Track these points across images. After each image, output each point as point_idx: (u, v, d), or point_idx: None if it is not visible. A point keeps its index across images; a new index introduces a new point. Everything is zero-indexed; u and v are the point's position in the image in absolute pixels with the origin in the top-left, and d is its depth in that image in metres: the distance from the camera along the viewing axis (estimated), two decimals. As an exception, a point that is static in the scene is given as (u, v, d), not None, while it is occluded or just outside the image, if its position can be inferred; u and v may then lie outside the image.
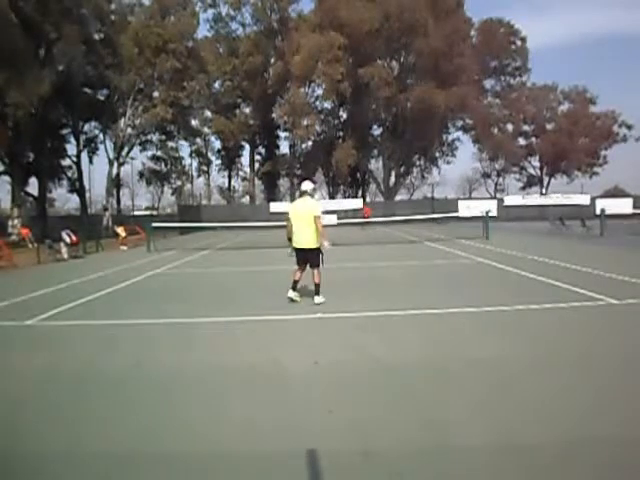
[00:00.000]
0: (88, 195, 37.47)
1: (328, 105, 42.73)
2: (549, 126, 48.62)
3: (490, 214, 19.13)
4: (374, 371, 3.81)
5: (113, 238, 20.51)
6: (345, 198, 42.71)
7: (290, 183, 46.65)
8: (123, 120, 33.63)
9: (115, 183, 37.68)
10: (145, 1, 34.95)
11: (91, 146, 36.05)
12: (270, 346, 4.62)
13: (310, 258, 6.55)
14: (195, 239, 23.84)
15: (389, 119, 42.23)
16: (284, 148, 47.80)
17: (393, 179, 44.46)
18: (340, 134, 44.09)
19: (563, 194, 37.00)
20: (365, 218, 26.66)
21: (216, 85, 44.74)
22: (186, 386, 3.64)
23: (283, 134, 46.13)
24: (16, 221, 25.89)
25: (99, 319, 6.03)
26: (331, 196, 46.42)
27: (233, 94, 44.19)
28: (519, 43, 48.73)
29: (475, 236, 17.90)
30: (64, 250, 14.72)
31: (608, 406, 3.05)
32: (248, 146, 47.39)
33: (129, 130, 34.67)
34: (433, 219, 28.31)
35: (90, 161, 37.09)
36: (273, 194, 48.10)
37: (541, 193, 44.53)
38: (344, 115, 44.40)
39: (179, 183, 45.96)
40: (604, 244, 14.63)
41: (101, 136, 35.82)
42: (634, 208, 28.57)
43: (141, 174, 44.05)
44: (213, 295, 7.80)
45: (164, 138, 40.59)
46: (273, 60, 43.57)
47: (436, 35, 35.99)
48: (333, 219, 23.43)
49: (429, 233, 21.82)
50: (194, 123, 42.45)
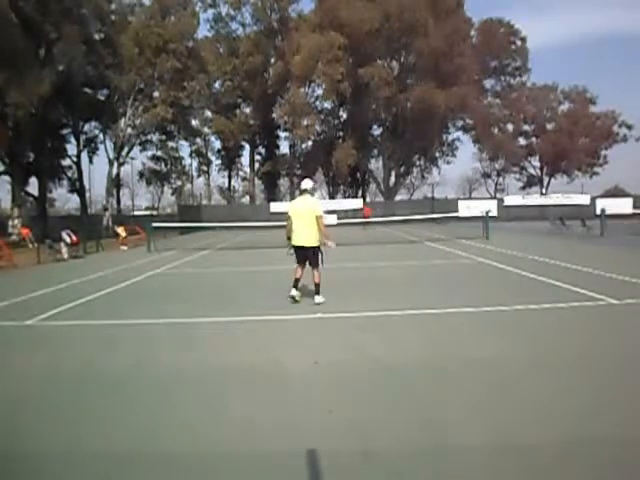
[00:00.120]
0: (88, 195, 37.58)
1: (328, 105, 42.79)
2: (549, 126, 48.63)
3: (490, 214, 19.13)
4: (374, 371, 3.81)
5: (113, 238, 20.51)
6: (345, 198, 42.75)
7: (290, 183, 46.66)
8: (123, 120, 33.64)
9: (115, 183, 37.69)
10: (145, 1, 35.07)
11: (91, 146, 36.09)
12: (270, 346, 4.62)
13: (309, 257, 6.53)
14: (195, 239, 23.84)
15: (389, 119, 42.24)
16: (284, 148, 47.93)
17: (393, 179, 44.47)
18: (340, 134, 44.10)
19: (563, 194, 37.03)
20: (365, 218, 26.67)
21: (216, 85, 44.80)
22: (186, 386, 3.64)
23: (283, 134, 46.26)
24: (16, 221, 25.90)
25: (99, 319, 6.04)
26: (331, 196, 46.45)
27: (233, 94, 44.20)
28: (519, 43, 48.78)
29: (475, 236, 17.90)
30: (64, 250, 14.72)
31: (607, 406, 3.05)
32: (248, 146, 47.42)
33: (129, 130, 34.70)
34: (433, 219, 28.31)
35: (90, 161, 37.22)
36: (273, 194, 48.11)
37: (541, 193, 44.52)
38: (344, 115, 44.45)
39: (179, 183, 45.99)
40: (604, 244, 14.63)
41: (101, 136, 35.92)
42: (634, 208, 28.61)
43: (141, 174, 44.08)
44: (213, 295, 7.80)
45: (164, 138, 40.60)
46: (273, 60, 43.58)
47: (436, 35, 36.00)
48: (333, 219, 23.44)
49: (429, 233, 21.81)
50: (194, 123, 42.52)
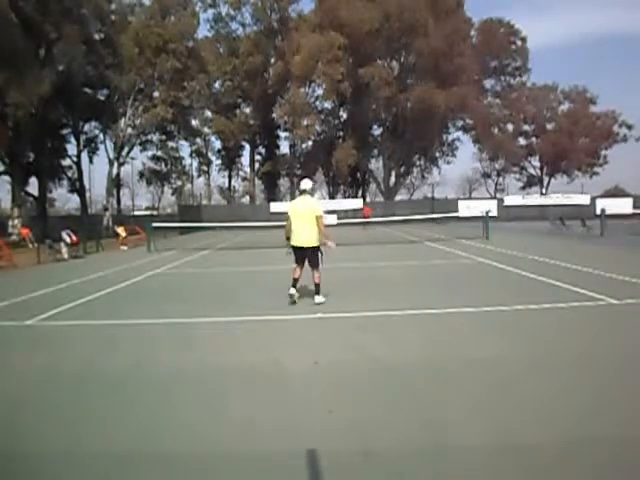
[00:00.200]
0: (88, 195, 37.57)
1: (328, 105, 42.79)
2: (549, 126, 48.63)
3: (490, 214, 19.13)
4: (374, 371, 3.81)
5: (113, 238, 20.50)
6: (345, 198, 42.75)
7: (290, 183, 46.67)
8: (123, 120, 33.64)
9: (115, 183, 37.70)
10: (145, 1, 35.07)
11: (91, 146, 36.09)
12: (270, 346, 4.62)
13: (309, 257, 6.51)
14: (195, 239, 23.84)
15: (389, 119, 42.24)
16: (284, 148, 47.94)
17: (393, 179, 44.46)
18: (340, 134, 44.10)
19: (563, 194, 37.03)
20: (365, 218, 26.65)
21: (216, 85, 44.80)
22: (186, 386, 3.64)
23: (283, 134, 46.27)
24: (16, 221, 25.91)
25: (99, 319, 6.04)
26: (331, 196, 46.47)
27: (233, 94, 44.20)
28: (519, 43, 48.78)
29: (475, 236, 17.89)
30: (64, 250, 14.72)
31: (607, 406, 3.05)
32: (248, 146, 47.44)
33: (129, 130, 34.70)
34: (433, 219, 28.30)
35: (90, 161, 37.22)
36: (273, 194, 48.12)
37: (541, 193, 44.53)
38: (344, 115, 44.45)
39: (179, 183, 45.99)
40: (604, 244, 14.62)
41: (101, 136, 35.93)
42: (634, 208, 28.61)
43: (141, 174, 44.08)
44: (213, 295, 7.80)
45: (164, 138, 40.60)
46: (273, 60, 43.58)
47: (436, 35, 36.00)
48: (333, 219, 23.44)
49: (429, 233, 21.81)
50: (194, 123, 42.53)
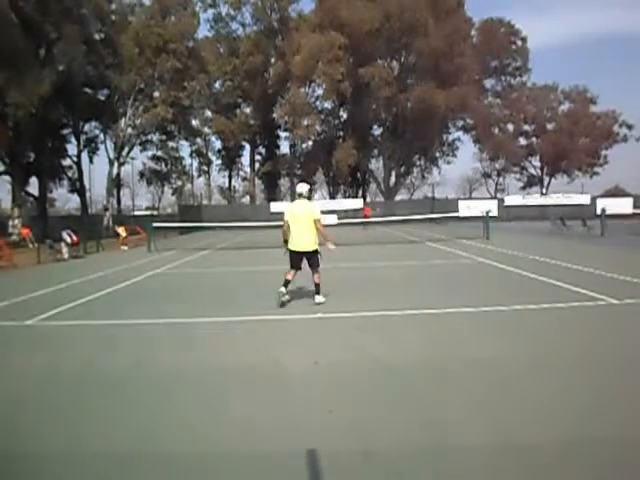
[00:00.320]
0: (88, 195, 37.61)
1: (328, 105, 42.78)
2: (549, 126, 48.62)
3: (490, 214, 19.14)
4: (374, 371, 3.81)
5: (114, 238, 20.50)
6: (345, 198, 42.74)
7: (290, 183, 46.65)
8: (123, 120, 33.64)
9: (115, 183, 37.71)
10: (145, 1, 35.05)
11: (91, 146, 36.11)
12: (270, 346, 4.62)
13: (309, 260, 6.46)
14: (195, 239, 23.84)
15: (389, 119, 42.23)
16: (284, 148, 47.95)
17: (393, 179, 44.46)
18: (340, 134, 44.09)
19: (563, 194, 37.06)
20: (366, 218, 26.62)
21: (216, 85, 44.80)
22: (186, 386, 3.64)
23: (283, 134, 46.27)
24: (17, 221, 25.91)
25: (99, 319, 6.04)
26: (331, 196, 46.49)
27: (233, 94, 44.19)
28: (519, 43, 48.76)
29: (475, 236, 17.89)
30: (65, 250, 14.72)
31: (607, 406, 3.05)
32: (248, 146, 47.45)
33: (129, 130, 34.69)
34: (433, 219, 28.29)
35: (90, 161, 37.26)
36: (273, 194, 48.12)
37: (541, 193, 44.57)
38: (344, 115, 44.44)
39: (179, 183, 46.02)
40: (605, 244, 14.62)
41: (101, 136, 35.95)
42: (634, 208, 28.62)
43: (141, 174, 44.10)
44: (213, 295, 7.80)
45: (164, 138, 40.61)
46: (273, 60, 43.58)
47: (436, 35, 35.99)
48: (333, 219, 23.43)
49: (430, 233, 21.81)
50: (194, 123, 42.53)
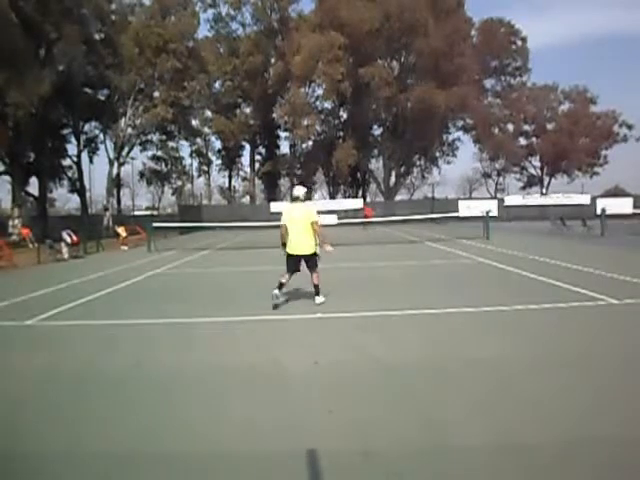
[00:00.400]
0: (88, 195, 37.58)
1: (328, 105, 42.76)
2: (549, 126, 48.60)
3: (490, 214, 19.14)
4: (374, 371, 3.81)
5: (114, 238, 20.49)
6: (345, 198, 42.74)
7: (290, 183, 46.65)
8: (123, 120, 33.63)
9: (115, 183, 37.70)
10: (145, 1, 35.04)
11: (91, 146, 36.08)
12: (270, 346, 4.62)
13: (308, 262, 6.39)
14: (195, 239, 23.84)
15: (389, 119, 42.22)
16: (284, 148, 47.95)
17: (393, 179, 44.45)
18: (340, 134, 44.07)
19: (563, 194, 37.05)
20: (366, 218, 26.54)
21: (216, 85, 44.80)
22: (186, 386, 3.64)
23: (283, 134, 46.27)
24: (17, 221, 25.91)
25: (99, 319, 6.04)
26: (331, 196, 46.50)
27: (233, 94, 44.19)
28: (519, 43, 48.75)
29: (475, 236, 17.89)
30: (65, 250, 14.72)
31: (608, 406, 3.05)
32: (248, 146, 47.44)
33: (129, 130, 34.68)
34: (432, 219, 28.28)
35: (90, 161, 37.22)
36: (273, 194, 48.11)
37: (541, 193, 44.56)
38: (344, 115, 44.43)
39: (179, 183, 46.00)
40: (605, 244, 14.61)
41: (101, 136, 35.92)
42: (634, 208, 28.63)
43: (141, 174, 44.08)
44: (213, 295, 7.80)
45: (164, 138, 40.59)
46: (273, 60, 43.58)
47: (436, 35, 35.99)
48: (333, 219, 23.42)
49: (429, 233, 21.80)
50: (194, 123, 42.50)
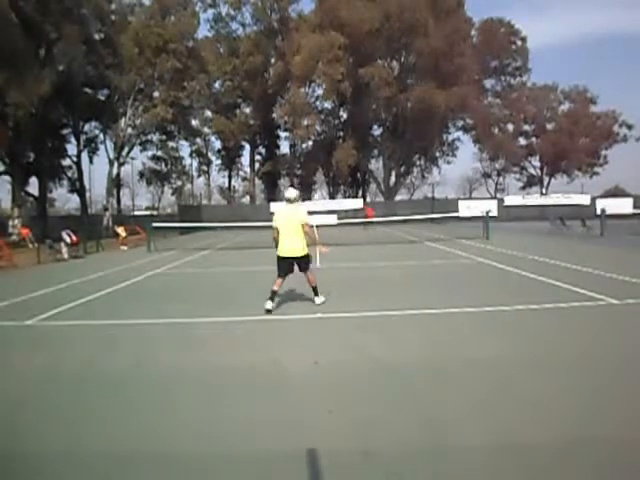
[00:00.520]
0: (88, 195, 37.57)
1: (328, 105, 42.76)
2: (549, 126, 48.62)
3: (490, 214, 19.14)
4: (374, 371, 3.81)
5: (113, 238, 20.50)
6: (345, 198, 42.74)
7: (290, 183, 46.66)
8: (123, 120, 33.63)
9: (115, 183, 37.69)
10: (145, 1, 35.02)
11: (91, 146, 36.08)
12: (270, 346, 4.62)
13: (300, 265, 6.28)
14: (195, 239, 23.84)
15: (389, 119, 42.23)
16: (284, 148, 47.95)
17: (393, 179, 44.46)
18: (340, 134, 44.08)
19: (563, 194, 37.03)
20: (367, 218, 26.48)
21: (216, 85, 44.77)
22: (186, 386, 3.64)
23: (283, 134, 46.27)
24: (16, 221, 25.90)
25: (99, 319, 6.04)
26: (331, 196, 46.51)
27: (233, 94, 44.18)
28: (519, 43, 48.79)
29: (475, 236, 17.89)
30: (64, 250, 14.72)
31: (607, 406, 3.05)
32: (248, 146, 47.43)
33: (129, 130, 34.68)
34: (433, 219, 28.28)
35: (90, 161, 37.23)
36: (273, 194, 48.06)
37: (541, 193, 44.57)
38: (344, 115, 44.43)
39: (179, 183, 45.99)
40: (604, 244, 14.61)
41: (101, 136, 35.91)
42: (634, 208, 28.63)
43: (141, 174, 44.09)
44: (213, 295, 7.80)
45: (164, 138, 40.60)
46: (273, 60, 43.57)
47: (436, 35, 36.00)
48: (333, 219, 23.45)
49: (429, 233, 21.80)
50: (194, 123, 42.49)
